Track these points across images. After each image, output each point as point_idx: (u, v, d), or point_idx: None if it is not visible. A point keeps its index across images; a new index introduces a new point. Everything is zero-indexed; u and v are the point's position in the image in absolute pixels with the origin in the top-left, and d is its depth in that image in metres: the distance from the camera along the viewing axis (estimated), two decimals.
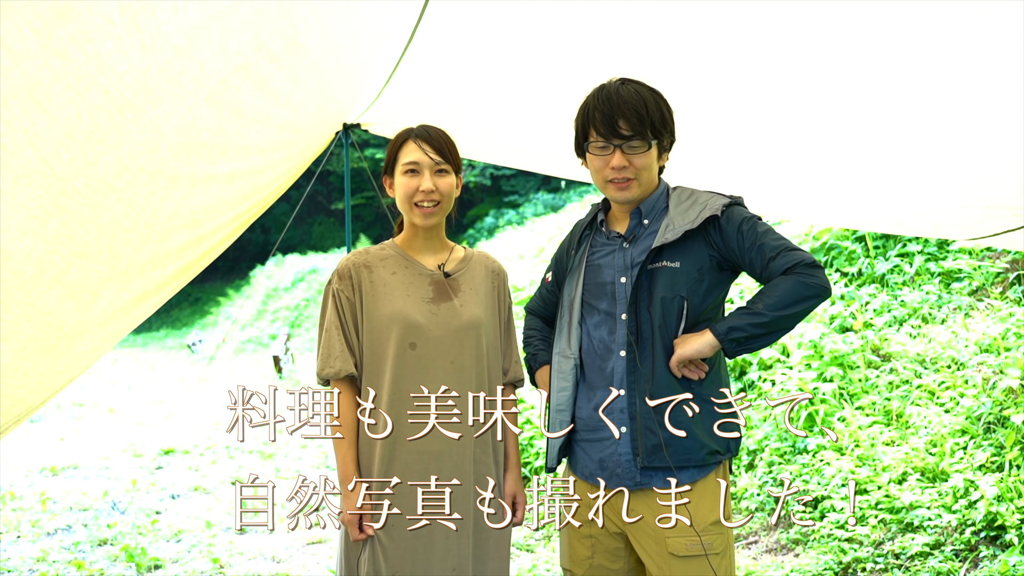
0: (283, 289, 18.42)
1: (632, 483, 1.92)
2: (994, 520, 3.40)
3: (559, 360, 2.06)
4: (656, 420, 1.89)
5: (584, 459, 2.03)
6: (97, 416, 9.14)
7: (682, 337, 1.91)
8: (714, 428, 1.91)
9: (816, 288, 1.83)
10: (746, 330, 1.84)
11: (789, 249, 1.87)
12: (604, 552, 2.02)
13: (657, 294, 1.91)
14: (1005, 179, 2.67)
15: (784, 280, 1.84)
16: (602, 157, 1.93)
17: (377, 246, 2.20)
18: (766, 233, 1.90)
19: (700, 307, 1.94)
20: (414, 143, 2.09)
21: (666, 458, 1.90)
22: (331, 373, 2.07)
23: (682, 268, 1.92)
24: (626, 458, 1.94)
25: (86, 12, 1.31)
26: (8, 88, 1.29)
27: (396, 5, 2.47)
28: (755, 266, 1.90)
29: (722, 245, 1.92)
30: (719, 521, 1.91)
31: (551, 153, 3.92)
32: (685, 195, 1.99)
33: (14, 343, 1.87)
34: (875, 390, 4.51)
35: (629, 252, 1.99)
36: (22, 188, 1.49)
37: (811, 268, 1.84)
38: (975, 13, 1.95)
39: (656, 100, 1.91)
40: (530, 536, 4.55)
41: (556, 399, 2.04)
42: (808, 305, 1.84)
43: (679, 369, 1.90)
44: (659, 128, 1.91)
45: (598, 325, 2.00)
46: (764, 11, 2.17)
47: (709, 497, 1.92)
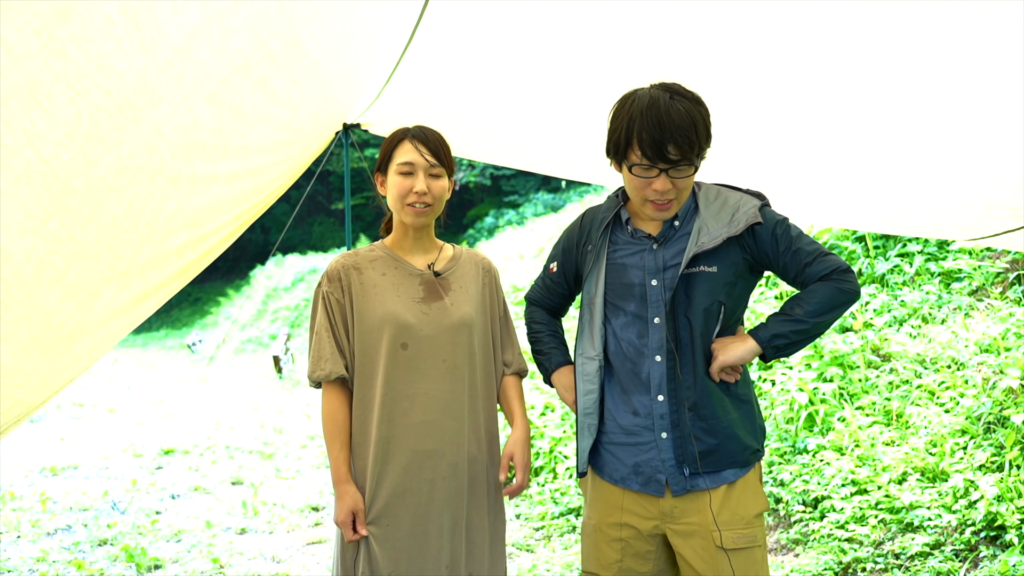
0: (283, 289, 18.43)
1: (680, 488, 1.91)
2: (994, 520, 3.40)
3: (583, 362, 2.01)
4: (702, 428, 1.89)
5: (614, 463, 1.99)
6: (97, 416, 9.15)
7: (720, 342, 1.91)
8: (753, 426, 1.96)
9: (851, 294, 1.86)
10: (788, 337, 1.86)
11: (823, 254, 1.88)
12: (634, 555, 1.98)
13: (697, 300, 1.88)
14: (1005, 179, 2.67)
15: (822, 286, 1.86)
16: (644, 179, 1.83)
17: (366, 247, 2.20)
18: (799, 237, 1.90)
19: (734, 311, 1.94)
20: (410, 143, 2.09)
21: (714, 462, 1.90)
22: (321, 376, 2.08)
23: (719, 272, 1.89)
24: (670, 464, 1.91)
25: (86, 12, 1.31)
26: (8, 88, 1.29)
27: (396, 5, 2.47)
28: (789, 271, 1.90)
29: (755, 249, 1.91)
30: (760, 513, 1.95)
31: (551, 153, 3.92)
32: (712, 194, 1.96)
33: (14, 343, 1.87)
34: (875, 390, 4.51)
35: (660, 254, 1.94)
36: (22, 188, 1.49)
37: (846, 274, 1.86)
38: (975, 13, 1.95)
39: (703, 117, 1.81)
40: (530, 536, 4.55)
41: (583, 403, 2.01)
42: (843, 311, 1.87)
43: (718, 375, 1.90)
44: (704, 147, 1.83)
45: (625, 327, 1.95)
46: (762, 11, 2.17)
47: (751, 491, 1.95)
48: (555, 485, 5.05)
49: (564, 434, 5.49)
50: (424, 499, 2.05)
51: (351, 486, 2.05)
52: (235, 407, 9.53)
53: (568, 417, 5.67)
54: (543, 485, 5.16)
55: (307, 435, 7.70)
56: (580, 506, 4.76)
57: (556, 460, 5.29)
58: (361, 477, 2.07)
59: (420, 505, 2.05)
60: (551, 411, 5.83)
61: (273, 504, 5.40)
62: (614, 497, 1.99)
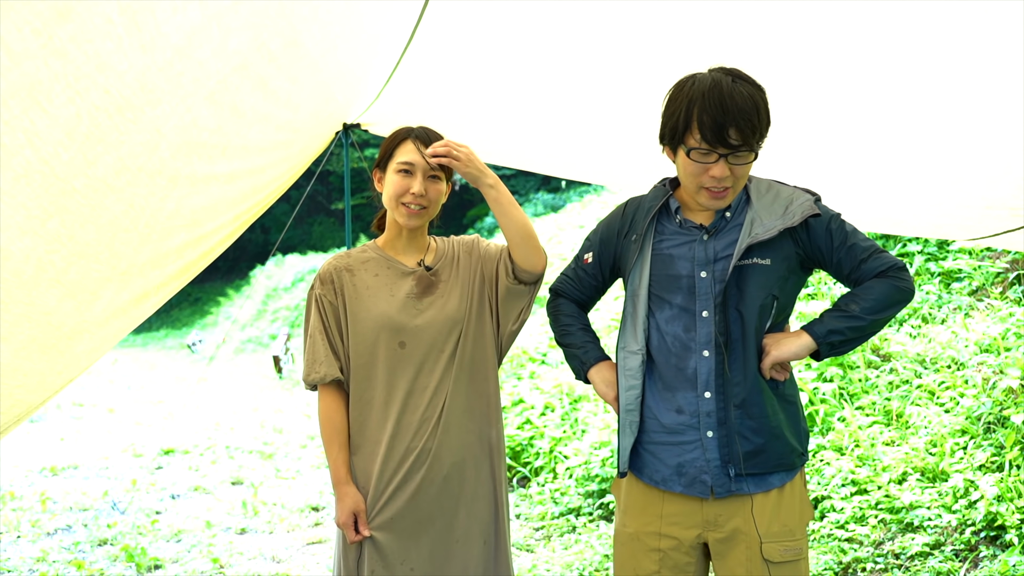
0: (283, 289, 18.43)
1: (724, 491, 1.82)
2: (994, 520, 3.40)
3: (624, 356, 1.92)
4: (750, 426, 1.81)
5: (655, 464, 1.89)
6: (97, 416, 9.14)
7: (773, 337, 1.83)
8: (798, 429, 1.89)
9: (907, 292, 1.81)
10: (844, 333, 1.80)
11: (879, 251, 1.83)
12: (672, 567, 1.88)
13: (750, 293, 1.80)
14: (1005, 179, 2.67)
15: (879, 283, 1.80)
16: (702, 164, 1.76)
17: (358, 248, 2.19)
18: (854, 233, 1.85)
19: (785, 306, 1.87)
20: (412, 144, 2.08)
21: (760, 464, 1.82)
22: (316, 378, 2.08)
23: (772, 266, 1.81)
24: (715, 464, 1.82)
25: (86, 12, 1.31)
26: (8, 88, 1.29)
27: (396, 5, 2.47)
28: (843, 267, 1.84)
29: (808, 244, 1.84)
30: (807, 524, 1.89)
31: (551, 153, 3.92)
32: (763, 187, 1.89)
33: (14, 343, 1.87)
34: (875, 390, 4.51)
35: (711, 245, 1.85)
36: (22, 188, 1.49)
37: (902, 272, 1.81)
38: (975, 13, 1.95)
39: (765, 103, 1.76)
40: (530, 536, 4.55)
41: (625, 399, 1.91)
42: (898, 309, 1.82)
43: (769, 371, 1.83)
44: (764, 134, 1.77)
45: (671, 320, 1.86)
46: (758, 13, 2.17)
47: (798, 499, 1.88)
48: (555, 485, 5.04)
49: (564, 434, 5.49)
50: (427, 497, 2.05)
51: (351, 487, 2.05)
52: (235, 407, 9.53)
53: (568, 417, 5.67)
54: (543, 485, 5.15)
55: (307, 435, 7.70)
56: (580, 506, 4.75)
57: (556, 460, 5.28)
58: (362, 477, 2.06)
59: (423, 503, 2.04)
60: (551, 411, 5.83)
61: (273, 504, 5.40)
62: (653, 503, 1.90)
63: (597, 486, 4.81)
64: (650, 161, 3.40)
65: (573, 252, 9.49)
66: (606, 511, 4.62)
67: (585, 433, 5.38)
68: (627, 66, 2.66)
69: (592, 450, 5.06)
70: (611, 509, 4.59)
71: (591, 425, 5.42)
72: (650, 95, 2.70)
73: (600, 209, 10.38)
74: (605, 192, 11.60)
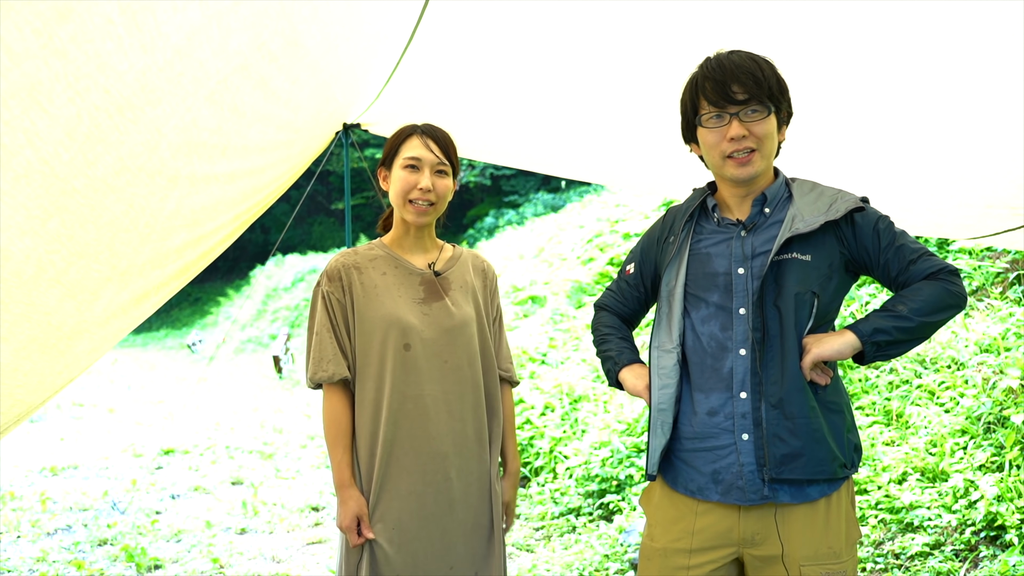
0: (283, 289, 18.44)
1: (758, 497, 1.72)
2: (994, 520, 3.40)
3: (659, 355, 1.84)
4: (787, 427, 1.70)
5: (689, 472, 1.79)
6: (97, 416, 9.15)
7: (815, 336, 1.73)
8: (841, 439, 1.76)
9: (958, 297, 1.70)
10: (891, 333, 1.69)
11: (929, 253, 1.73)
12: None
13: (789, 288, 1.71)
14: (1005, 179, 2.67)
15: (929, 285, 1.70)
16: (717, 130, 1.73)
17: (365, 246, 2.16)
18: (903, 235, 1.76)
19: (828, 307, 1.77)
20: (419, 139, 2.06)
21: (797, 469, 1.70)
22: (324, 377, 2.02)
23: (813, 262, 1.73)
24: (749, 468, 1.72)
25: (86, 12, 1.31)
26: (8, 88, 1.29)
27: (396, 5, 2.47)
28: (890, 269, 1.74)
29: (854, 243, 1.76)
30: (854, 543, 1.77)
31: (551, 153, 3.91)
32: (807, 187, 1.83)
33: (14, 343, 1.87)
34: (875, 390, 4.51)
35: (749, 241, 1.78)
36: (22, 188, 1.49)
37: (954, 276, 1.71)
38: (975, 13, 1.95)
39: (769, 63, 1.74)
40: (530, 536, 4.55)
41: (658, 397, 1.82)
42: (949, 314, 1.70)
43: (809, 372, 1.73)
44: (776, 93, 1.73)
45: (707, 319, 1.79)
46: (757, 12, 2.17)
47: (844, 515, 1.76)
48: (555, 485, 5.04)
49: (564, 434, 5.49)
50: (429, 501, 2.03)
51: (355, 490, 2.02)
52: (235, 407, 9.53)
53: (568, 417, 5.67)
54: (543, 485, 5.15)
55: (307, 435, 7.70)
56: (580, 506, 4.75)
57: (556, 460, 5.28)
58: (366, 480, 2.04)
59: (425, 507, 2.03)
60: (551, 411, 5.83)
61: (273, 504, 5.40)
62: (685, 517, 1.80)
63: (597, 486, 4.81)
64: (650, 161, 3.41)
65: (573, 252, 9.49)
66: (606, 511, 4.62)
67: (585, 433, 5.38)
68: (627, 66, 2.66)
69: (592, 450, 5.06)
70: (611, 509, 4.59)
71: (591, 425, 5.42)
72: (650, 95, 2.70)
73: (600, 209, 10.38)
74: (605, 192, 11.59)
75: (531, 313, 8.42)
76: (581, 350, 6.84)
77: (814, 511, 1.73)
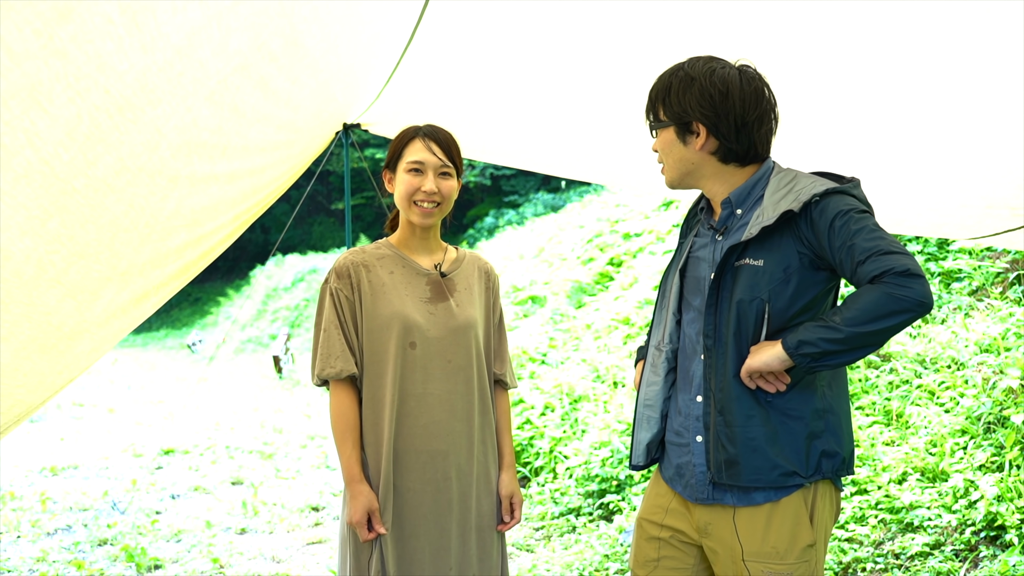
0: (283, 289, 18.44)
1: (706, 496, 1.79)
2: (994, 520, 3.40)
3: (652, 352, 1.92)
4: (726, 434, 1.73)
5: (666, 462, 1.91)
6: (97, 416, 9.15)
7: (758, 345, 1.71)
8: (797, 447, 1.72)
9: (907, 302, 1.54)
10: (818, 345, 1.60)
11: (882, 253, 1.57)
12: (671, 559, 1.89)
13: (735, 295, 1.72)
14: (1005, 179, 2.67)
15: (869, 291, 1.57)
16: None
17: (372, 245, 2.17)
18: (860, 231, 1.61)
19: (787, 311, 1.70)
20: (421, 142, 2.08)
21: (735, 476, 1.72)
22: (332, 373, 2.03)
23: (765, 267, 1.69)
24: (700, 469, 1.80)
25: (86, 12, 1.31)
26: (8, 88, 1.29)
27: (396, 5, 2.47)
28: (844, 269, 1.65)
29: (814, 241, 1.67)
30: (806, 547, 1.74)
31: (551, 153, 3.92)
32: (785, 180, 1.77)
33: (14, 343, 1.87)
34: (875, 390, 4.51)
35: (720, 245, 1.81)
36: (22, 188, 1.49)
37: (903, 277, 1.55)
38: (975, 13, 1.95)
39: (665, 80, 1.80)
40: (530, 536, 4.55)
41: (644, 393, 1.91)
42: (896, 321, 1.55)
43: (752, 380, 1.71)
44: (677, 111, 1.76)
45: (691, 322, 1.84)
46: (760, 12, 2.17)
47: (792, 519, 1.74)
48: (555, 485, 5.04)
49: (564, 434, 5.49)
50: (431, 500, 2.04)
51: (365, 485, 2.02)
52: (235, 407, 9.53)
53: (568, 417, 5.67)
54: (543, 485, 5.15)
55: (307, 435, 7.70)
56: (580, 506, 4.75)
57: (556, 460, 5.28)
58: (373, 477, 2.05)
59: (428, 506, 2.04)
60: (551, 411, 5.83)
61: (273, 504, 5.40)
62: (664, 495, 1.92)
63: (597, 486, 4.81)
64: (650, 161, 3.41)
65: (573, 252, 9.49)
66: (606, 511, 4.62)
67: (585, 433, 5.38)
68: (627, 66, 2.65)
69: (592, 450, 5.06)
70: (611, 509, 4.60)
71: (591, 425, 5.42)
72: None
73: (600, 209, 10.37)
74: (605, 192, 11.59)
75: (531, 313, 8.42)
76: (581, 350, 6.84)
77: (757, 512, 1.76)
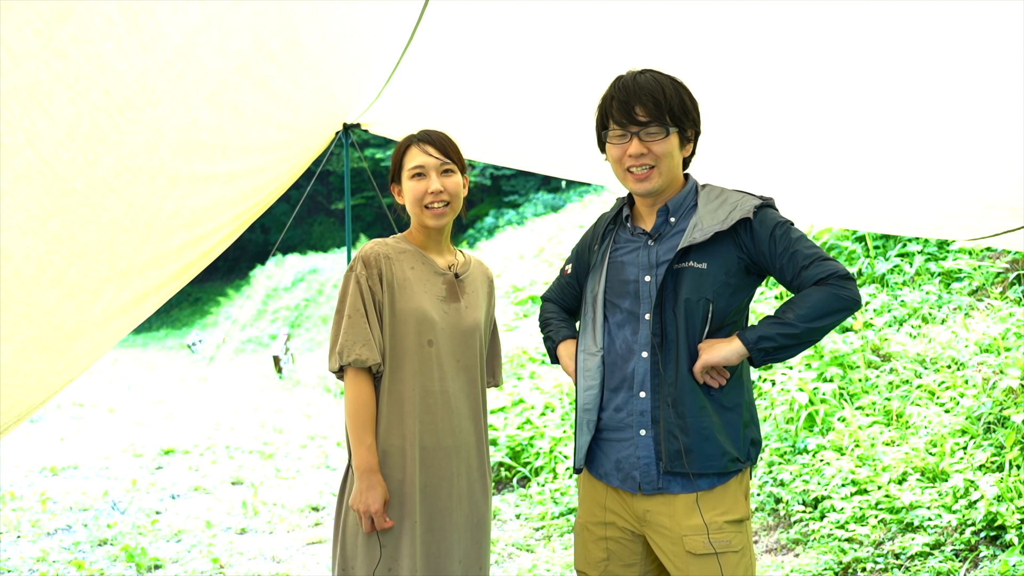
0: (283, 289, 18.43)
1: (651, 487, 1.90)
2: (994, 520, 3.40)
3: (584, 357, 2.01)
4: (679, 425, 1.86)
5: (601, 458, 1.99)
6: (97, 416, 9.14)
7: (708, 342, 1.87)
8: (736, 436, 1.90)
9: (847, 301, 1.80)
10: (776, 340, 1.81)
11: (822, 259, 1.83)
12: (619, 556, 1.99)
13: (683, 296, 1.86)
14: (1005, 179, 2.67)
15: (817, 291, 1.80)
16: (620, 146, 1.89)
17: (392, 238, 2.20)
18: (799, 240, 1.85)
19: (725, 311, 1.89)
20: (417, 147, 2.13)
21: (688, 463, 1.86)
22: (354, 359, 2.01)
23: (709, 270, 1.87)
24: (646, 461, 1.90)
25: (86, 12, 1.32)
26: (8, 88, 1.29)
27: (396, 5, 2.47)
28: (786, 273, 1.85)
29: (752, 248, 1.88)
30: (738, 520, 1.90)
31: (551, 153, 3.92)
32: (714, 194, 1.94)
33: (14, 343, 1.87)
34: (875, 390, 4.51)
35: (655, 250, 1.94)
36: (22, 188, 1.49)
37: (844, 280, 1.80)
38: (975, 13, 1.95)
39: (676, 87, 1.88)
40: (530, 536, 4.55)
41: (583, 398, 1.99)
42: (838, 318, 1.80)
43: (701, 375, 1.87)
44: (678, 115, 1.86)
45: (621, 324, 1.95)
46: (763, 11, 2.17)
47: (729, 498, 1.90)
48: (555, 485, 5.05)
49: (564, 434, 5.49)
50: (445, 495, 2.08)
51: (380, 476, 2.03)
52: (235, 407, 9.53)
53: (568, 417, 5.67)
54: (543, 485, 5.15)
55: (307, 435, 7.70)
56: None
57: (556, 460, 5.29)
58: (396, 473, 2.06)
59: (440, 500, 2.08)
60: (551, 411, 5.83)
61: (273, 504, 5.40)
62: (599, 495, 2.00)
63: None
64: None
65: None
66: None
67: None
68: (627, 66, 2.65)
69: None
70: None
71: None
72: None
73: (600, 209, 10.36)
74: (605, 192, 11.59)
75: (531, 313, 8.42)
76: None
77: (700, 496, 1.89)
